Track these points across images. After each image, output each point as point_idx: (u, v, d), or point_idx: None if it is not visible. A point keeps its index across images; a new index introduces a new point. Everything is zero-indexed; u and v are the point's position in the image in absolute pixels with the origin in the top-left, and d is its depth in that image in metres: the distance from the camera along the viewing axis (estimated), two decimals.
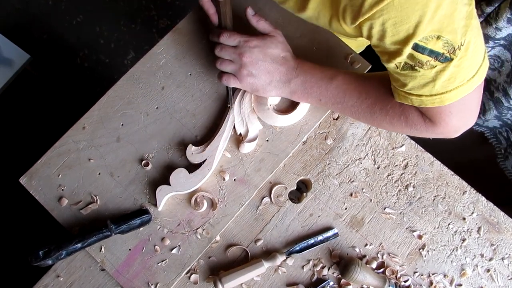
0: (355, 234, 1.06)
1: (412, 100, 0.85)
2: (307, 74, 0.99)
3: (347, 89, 0.97)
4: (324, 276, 1.04)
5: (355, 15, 0.77)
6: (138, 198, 1.06)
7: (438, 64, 0.77)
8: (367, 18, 0.76)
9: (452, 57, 0.76)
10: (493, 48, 1.07)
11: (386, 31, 0.75)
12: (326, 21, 0.88)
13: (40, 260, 0.98)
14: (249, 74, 0.97)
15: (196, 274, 1.04)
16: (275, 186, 1.08)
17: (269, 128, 1.08)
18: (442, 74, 0.78)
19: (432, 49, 0.75)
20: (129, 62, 2.48)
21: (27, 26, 2.50)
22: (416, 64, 0.78)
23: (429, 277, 1.04)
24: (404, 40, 0.75)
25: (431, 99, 0.83)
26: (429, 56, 0.76)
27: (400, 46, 0.76)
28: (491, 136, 1.25)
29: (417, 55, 0.76)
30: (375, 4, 0.72)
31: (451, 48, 0.75)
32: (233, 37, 0.97)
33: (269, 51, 0.97)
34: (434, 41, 0.74)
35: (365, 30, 0.79)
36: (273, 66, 0.98)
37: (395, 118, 0.94)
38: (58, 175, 1.07)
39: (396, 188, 1.08)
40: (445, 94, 0.81)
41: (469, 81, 0.80)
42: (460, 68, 0.78)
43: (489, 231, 1.06)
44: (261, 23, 0.99)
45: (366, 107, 0.96)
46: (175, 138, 1.08)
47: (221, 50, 0.98)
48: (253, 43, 0.96)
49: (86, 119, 1.09)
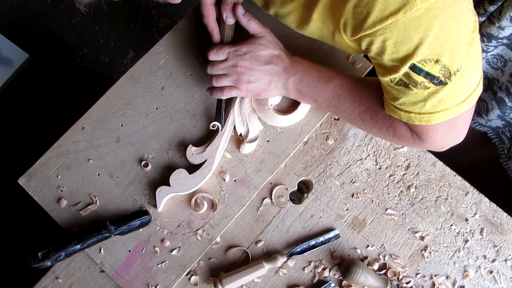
0: (357, 235, 1.05)
1: (401, 115, 0.86)
2: (304, 73, 0.99)
3: (341, 94, 0.97)
4: (325, 277, 1.04)
5: (357, 29, 0.76)
6: (138, 199, 1.05)
7: (432, 86, 0.77)
8: (368, 34, 0.75)
9: (447, 81, 0.76)
10: (496, 47, 1.07)
11: (386, 48, 0.75)
12: (329, 33, 0.86)
13: (39, 262, 0.98)
14: (248, 81, 0.97)
15: (196, 276, 1.04)
16: (276, 187, 1.07)
17: (270, 128, 1.08)
18: (434, 96, 0.79)
19: (429, 71, 0.75)
20: (129, 62, 2.48)
21: (26, 25, 2.50)
22: (411, 83, 0.78)
23: (431, 279, 1.03)
24: (402, 59, 0.75)
25: (419, 117, 0.84)
26: (425, 77, 0.76)
27: (398, 64, 0.77)
28: (494, 136, 1.25)
29: (413, 74, 0.77)
30: (379, 22, 0.72)
31: (447, 73, 0.75)
32: (221, 51, 0.97)
33: (261, 53, 0.97)
34: (432, 64, 0.74)
35: (364, 44, 0.79)
36: (268, 67, 0.97)
37: (383, 128, 0.95)
38: (57, 175, 1.06)
39: (398, 189, 1.07)
40: (433, 114, 0.82)
41: (459, 105, 0.81)
42: (453, 93, 0.79)
43: (492, 232, 1.05)
44: (251, 23, 0.97)
45: (358, 114, 0.97)
46: (175, 138, 1.08)
47: (213, 67, 0.99)
48: (243, 50, 0.96)
49: (85, 119, 1.09)
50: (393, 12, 0.70)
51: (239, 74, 0.97)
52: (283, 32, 1.00)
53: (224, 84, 0.99)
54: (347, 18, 0.77)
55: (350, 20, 0.77)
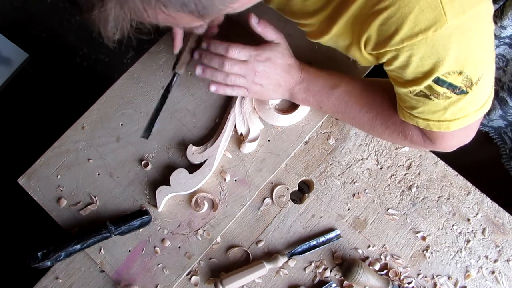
0: (358, 236, 1.05)
1: (418, 122, 0.86)
2: (310, 81, 0.99)
3: (348, 101, 0.97)
4: (326, 278, 1.03)
5: (381, 45, 0.75)
6: (138, 198, 1.05)
7: (453, 96, 0.77)
8: (393, 50, 0.74)
9: (468, 90, 0.76)
10: (498, 46, 1.06)
11: (411, 63, 0.74)
12: (344, 46, 0.85)
13: (38, 262, 0.98)
14: (260, 86, 0.98)
15: (197, 276, 1.03)
16: (277, 186, 1.07)
17: (271, 128, 1.08)
18: (454, 105, 0.79)
19: (452, 82, 0.75)
20: (129, 61, 2.47)
21: (26, 25, 2.49)
22: (432, 94, 0.78)
23: (433, 279, 1.03)
24: (427, 73, 0.75)
25: (437, 124, 0.83)
26: (447, 88, 0.76)
27: (421, 77, 0.76)
28: (496, 136, 1.25)
29: (435, 87, 0.76)
30: (407, 39, 0.71)
31: (469, 83, 0.75)
32: (243, 52, 0.94)
33: (278, 61, 0.96)
34: (455, 76, 0.74)
35: (386, 58, 0.78)
36: (281, 76, 0.98)
37: (394, 133, 0.95)
38: (57, 175, 1.06)
39: (399, 189, 1.07)
40: (453, 122, 0.82)
41: (477, 111, 0.81)
42: (473, 101, 0.79)
43: (494, 232, 1.05)
44: (267, 31, 0.95)
45: (367, 120, 0.97)
46: (175, 138, 1.07)
47: (233, 66, 0.94)
48: (263, 56, 0.95)
49: (85, 118, 1.09)
50: (423, 29, 0.69)
51: (254, 78, 0.96)
52: (283, 30, 1.00)
53: (238, 84, 0.97)
54: (371, 35, 0.75)
55: (374, 37, 0.75)
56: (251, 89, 0.98)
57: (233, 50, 0.93)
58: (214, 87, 0.97)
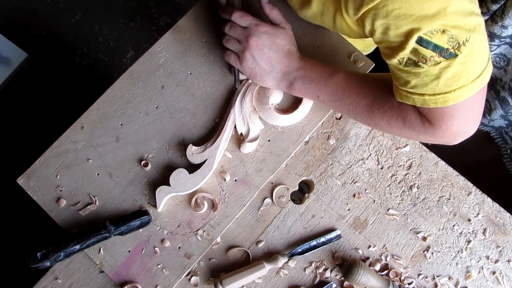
0: (358, 236, 1.05)
1: (414, 99, 0.83)
2: (308, 69, 0.98)
3: (346, 87, 0.95)
4: (326, 278, 1.03)
5: (359, 5, 0.76)
6: (138, 199, 1.05)
7: (442, 60, 0.75)
8: (370, 8, 0.75)
9: (456, 53, 0.74)
10: (499, 46, 1.06)
11: (390, 23, 0.74)
12: (330, 17, 0.86)
13: (38, 262, 0.97)
14: (252, 58, 0.97)
15: (197, 276, 1.03)
16: (277, 186, 1.07)
17: (271, 127, 1.07)
18: (446, 71, 0.76)
19: (437, 43, 0.73)
20: (129, 61, 2.47)
21: (25, 24, 2.49)
22: (420, 60, 0.76)
23: (433, 280, 1.03)
24: (408, 33, 0.74)
25: (434, 99, 0.81)
26: (433, 51, 0.74)
27: (404, 39, 0.75)
28: (496, 136, 1.24)
29: (421, 49, 0.75)
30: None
31: (456, 44, 0.73)
32: (245, 18, 0.96)
33: (277, 40, 0.96)
34: (439, 35, 0.73)
35: (368, 24, 0.77)
36: (277, 55, 0.97)
37: (393, 118, 0.92)
38: (56, 175, 1.05)
39: (400, 189, 1.07)
40: (449, 94, 0.79)
41: (474, 81, 0.78)
42: (465, 66, 0.76)
43: (495, 232, 1.05)
44: (274, 12, 0.98)
45: (364, 106, 0.94)
46: (175, 138, 1.07)
47: (231, 28, 0.98)
48: (263, 28, 0.96)
49: (84, 118, 1.08)
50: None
51: (247, 47, 0.96)
52: None
53: (230, 47, 0.99)
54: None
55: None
56: (243, 60, 0.98)
57: (236, 14, 0.96)
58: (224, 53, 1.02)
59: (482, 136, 1.26)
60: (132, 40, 2.49)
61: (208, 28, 1.10)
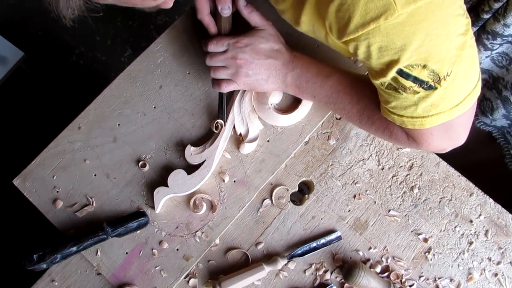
0: (359, 237, 1.04)
1: (394, 118, 0.85)
2: (303, 68, 0.97)
3: (340, 91, 0.96)
4: (326, 280, 1.02)
5: (341, 34, 0.75)
6: (135, 200, 1.04)
7: (421, 91, 0.76)
8: (352, 39, 0.75)
9: (436, 86, 0.75)
10: (501, 45, 1.05)
11: (372, 53, 0.75)
12: (322, 36, 0.86)
13: (34, 264, 0.97)
14: (246, 74, 0.96)
15: (195, 279, 1.02)
16: (276, 187, 1.06)
17: (270, 128, 1.07)
18: (424, 100, 0.78)
19: (417, 76, 0.74)
20: (126, 60, 2.46)
21: (21, 23, 2.48)
22: (400, 88, 0.77)
23: (435, 282, 1.02)
24: (388, 64, 0.75)
25: (411, 121, 0.82)
26: (413, 82, 0.75)
27: (385, 68, 0.76)
28: (499, 135, 1.24)
29: (401, 79, 0.76)
30: (361, 27, 0.71)
31: (437, 78, 0.74)
32: (220, 42, 0.95)
33: (261, 46, 0.95)
34: (419, 69, 0.73)
35: (351, 48, 0.78)
36: (268, 61, 0.96)
37: (380, 129, 0.94)
38: (53, 176, 1.05)
39: (401, 190, 1.06)
40: (426, 118, 0.81)
41: (452, 109, 0.79)
42: (444, 97, 0.77)
43: (497, 234, 1.04)
44: (252, 15, 0.95)
45: (356, 112, 0.95)
46: (173, 138, 1.06)
47: (212, 59, 0.96)
48: (243, 42, 0.94)
49: (81, 118, 1.07)
50: (374, 17, 0.69)
51: (237, 67, 0.95)
52: (283, 29, 0.99)
53: (222, 77, 0.97)
54: (331, 22, 0.76)
55: (334, 24, 0.76)
56: (239, 79, 0.96)
57: (211, 44, 0.95)
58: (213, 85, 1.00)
59: (484, 136, 1.26)
60: (130, 39, 2.48)
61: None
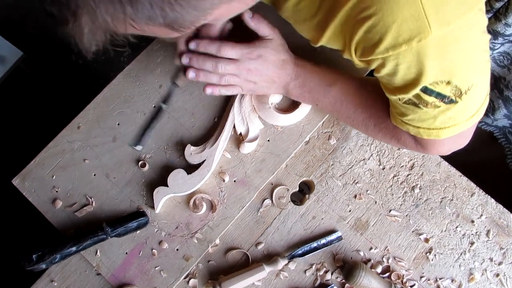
0: (360, 237, 1.04)
1: (409, 129, 0.86)
2: (306, 77, 0.98)
3: (344, 100, 0.96)
4: (327, 280, 1.02)
5: (368, 53, 0.74)
6: (135, 200, 1.03)
7: (442, 105, 0.77)
8: (380, 58, 0.74)
9: (457, 100, 0.76)
10: (503, 44, 1.05)
11: (398, 72, 0.74)
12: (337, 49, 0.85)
13: (33, 264, 0.96)
14: (252, 83, 0.96)
15: (195, 279, 1.02)
16: (277, 187, 1.06)
17: (271, 127, 1.06)
18: (444, 114, 0.79)
19: (440, 92, 0.75)
20: (126, 59, 2.46)
21: (20, 22, 2.47)
22: (421, 103, 0.78)
23: (436, 282, 1.02)
24: (414, 82, 0.74)
25: (428, 132, 0.84)
26: (436, 97, 0.76)
27: (409, 85, 0.76)
28: (500, 135, 1.24)
29: (423, 96, 0.76)
30: (392, 48, 0.70)
31: (458, 92, 0.75)
32: (234, 50, 0.92)
33: (271, 58, 0.95)
34: (443, 86, 0.74)
35: (374, 65, 0.78)
36: (274, 72, 0.96)
37: (387, 136, 0.95)
38: (52, 176, 1.04)
39: (402, 190, 1.06)
40: (443, 130, 0.82)
41: (468, 120, 0.81)
42: (463, 110, 0.79)
43: (499, 234, 1.04)
44: (261, 26, 0.93)
45: (361, 120, 0.96)
46: (173, 138, 1.06)
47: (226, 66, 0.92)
48: (254, 53, 0.93)
49: (81, 118, 1.07)
50: (406, 40, 0.68)
51: (247, 77, 0.95)
52: (284, 31, 0.98)
53: (232, 83, 0.96)
54: (359, 42, 0.74)
55: (361, 44, 0.75)
56: (245, 86, 0.97)
57: (225, 50, 0.91)
58: (209, 89, 0.96)
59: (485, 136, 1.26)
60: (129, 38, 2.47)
61: None
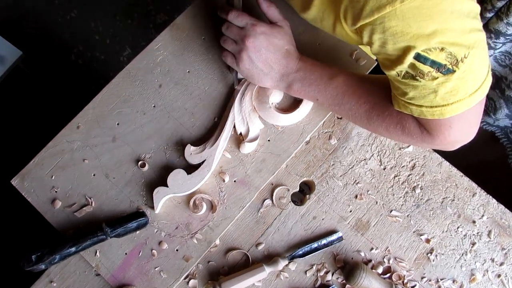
0: (360, 238, 1.03)
1: (412, 110, 0.84)
2: (307, 71, 0.97)
3: (346, 91, 0.95)
4: (328, 281, 1.02)
5: (356, 18, 0.76)
6: (135, 200, 1.03)
7: (440, 76, 0.76)
8: (367, 23, 0.75)
9: (454, 69, 0.75)
10: (504, 44, 1.05)
11: (387, 38, 0.75)
12: (330, 24, 0.86)
13: (33, 265, 0.96)
14: (249, 59, 0.95)
15: (195, 280, 1.02)
16: (277, 187, 1.05)
17: (271, 127, 1.06)
18: (443, 86, 0.77)
19: (435, 60, 0.74)
20: (125, 59, 2.45)
21: (19, 22, 2.47)
22: (417, 74, 0.77)
23: (437, 283, 1.02)
24: (405, 49, 0.74)
25: (431, 111, 0.82)
26: (431, 66, 0.75)
27: (402, 54, 0.76)
28: (502, 135, 1.24)
29: (418, 65, 0.75)
30: (376, 10, 0.72)
31: (454, 60, 0.74)
32: (241, 18, 0.94)
33: (275, 41, 0.95)
34: (437, 52, 0.73)
35: (366, 36, 0.78)
36: (274, 56, 0.95)
37: (391, 125, 0.93)
38: (52, 176, 1.04)
39: (403, 190, 1.05)
40: (446, 107, 0.80)
41: (471, 95, 0.79)
42: (463, 81, 0.77)
43: (500, 234, 1.04)
44: (271, 9, 0.96)
45: (364, 111, 0.95)
46: (173, 137, 1.06)
47: (228, 29, 0.97)
48: (260, 29, 0.94)
49: (80, 118, 1.07)
50: (390, 0, 0.70)
51: (244, 49, 0.94)
52: None
53: (227, 48, 0.98)
54: (347, 6, 0.76)
55: (349, 8, 0.76)
56: (240, 61, 0.96)
57: (232, 14, 0.95)
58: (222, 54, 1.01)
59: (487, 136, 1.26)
60: (129, 38, 2.47)
61: (206, 26, 1.09)
